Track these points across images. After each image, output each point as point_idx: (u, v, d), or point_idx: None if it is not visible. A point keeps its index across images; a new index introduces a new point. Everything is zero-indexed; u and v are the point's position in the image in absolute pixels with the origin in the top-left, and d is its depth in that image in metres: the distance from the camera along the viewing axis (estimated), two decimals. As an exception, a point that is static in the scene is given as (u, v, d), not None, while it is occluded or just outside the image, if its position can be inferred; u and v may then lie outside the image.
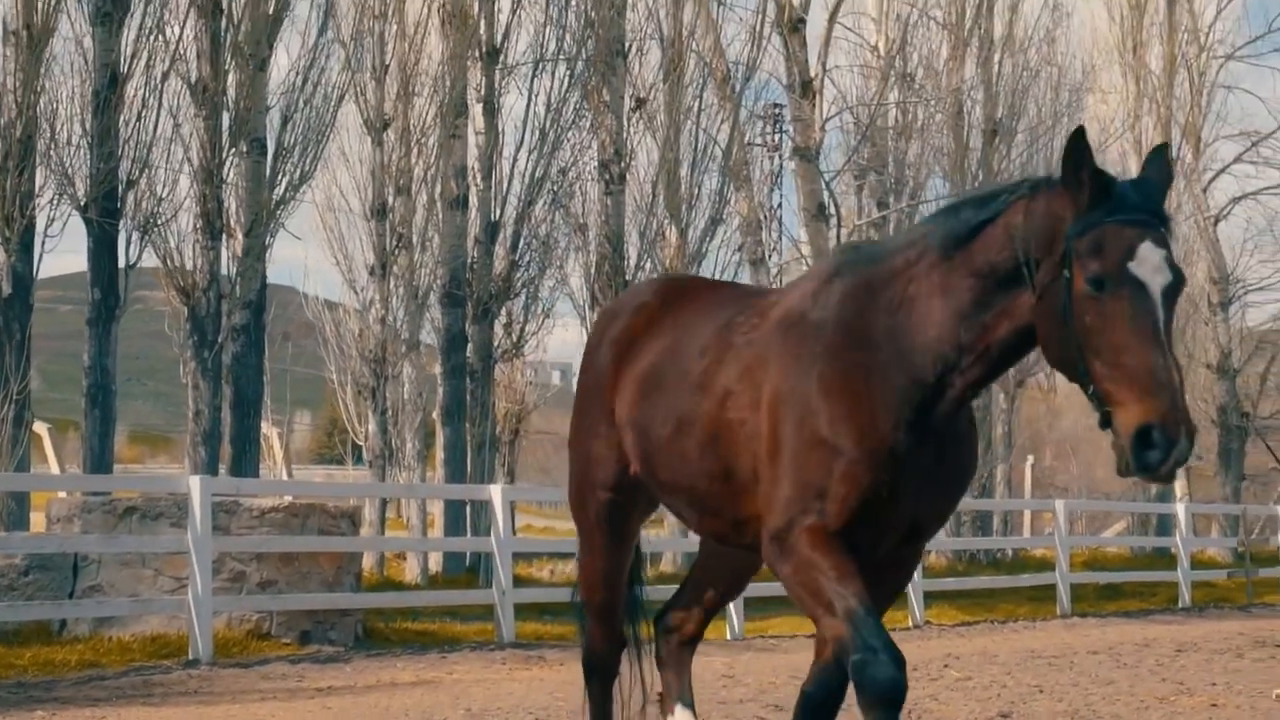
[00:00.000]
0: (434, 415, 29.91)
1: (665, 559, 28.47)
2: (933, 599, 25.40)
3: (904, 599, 22.66)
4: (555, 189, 30.11)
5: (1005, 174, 35.89)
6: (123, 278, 24.14)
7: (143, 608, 16.98)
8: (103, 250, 23.99)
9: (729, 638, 20.75)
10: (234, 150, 25.80)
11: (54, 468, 27.55)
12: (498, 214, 29.67)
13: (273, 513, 17.87)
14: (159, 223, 24.79)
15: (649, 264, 29.92)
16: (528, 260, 30.25)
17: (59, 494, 20.35)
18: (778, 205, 48.59)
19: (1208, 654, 18.32)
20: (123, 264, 24.25)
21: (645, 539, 8.45)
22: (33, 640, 16.64)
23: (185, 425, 25.73)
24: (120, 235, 24.24)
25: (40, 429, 25.03)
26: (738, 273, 30.93)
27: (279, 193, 26.26)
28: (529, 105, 29.91)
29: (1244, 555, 30.87)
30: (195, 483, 16.91)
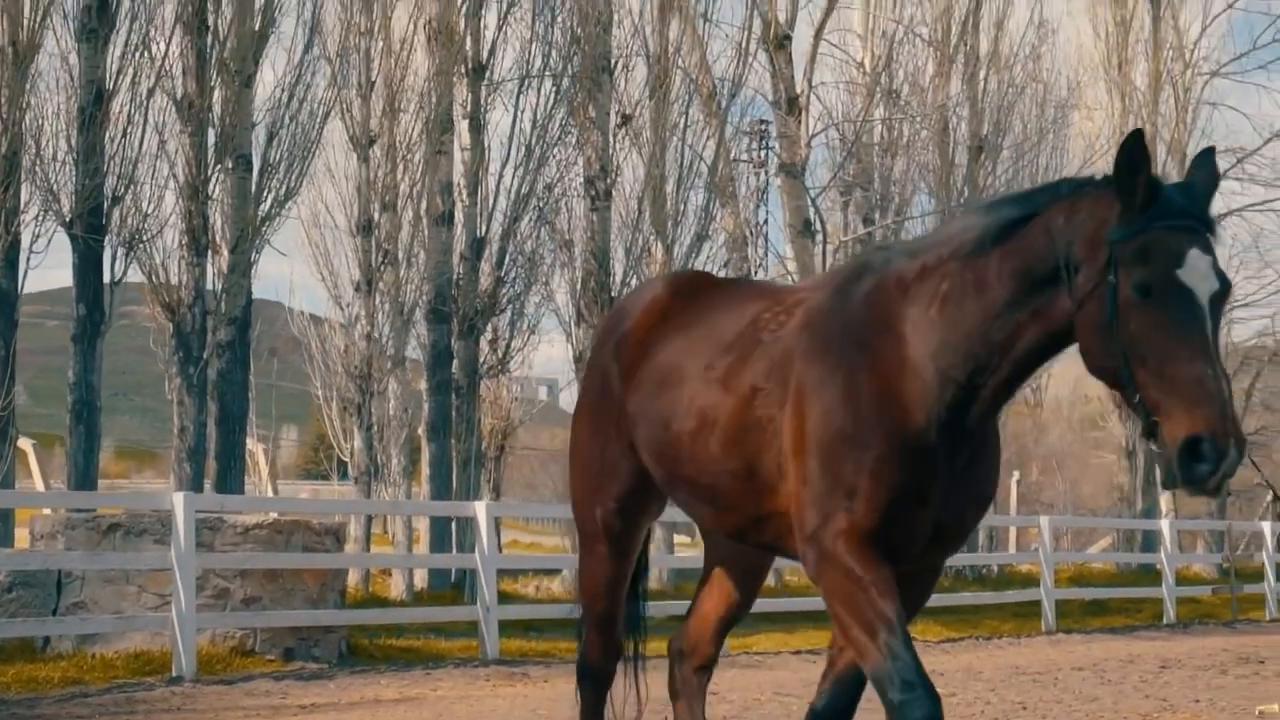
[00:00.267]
0: (419, 431, 29.88)
1: (651, 575, 28.38)
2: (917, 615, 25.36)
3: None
4: (541, 205, 30.12)
5: (991, 190, 35.93)
6: (108, 294, 24.13)
7: (126, 625, 16.95)
8: (88, 266, 23.98)
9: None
10: (219, 167, 25.79)
11: (38, 484, 27.45)
12: (483, 230, 29.68)
13: (257, 529, 17.84)
14: (144, 239, 24.77)
15: (635, 280, 29.91)
16: (513, 276, 30.25)
17: (43, 511, 20.33)
18: (763, 221, 48.75)
19: (1192, 670, 18.37)
20: (108, 280, 24.25)
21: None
22: (16, 657, 16.60)
23: (172, 441, 25.72)
24: (105, 251, 24.24)
25: (25, 445, 24.97)
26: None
27: (264, 209, 26.25)
28: (515, 121, 29.95)
29: (1229, 571, 30.92)
30: (179, 499, 16.89)
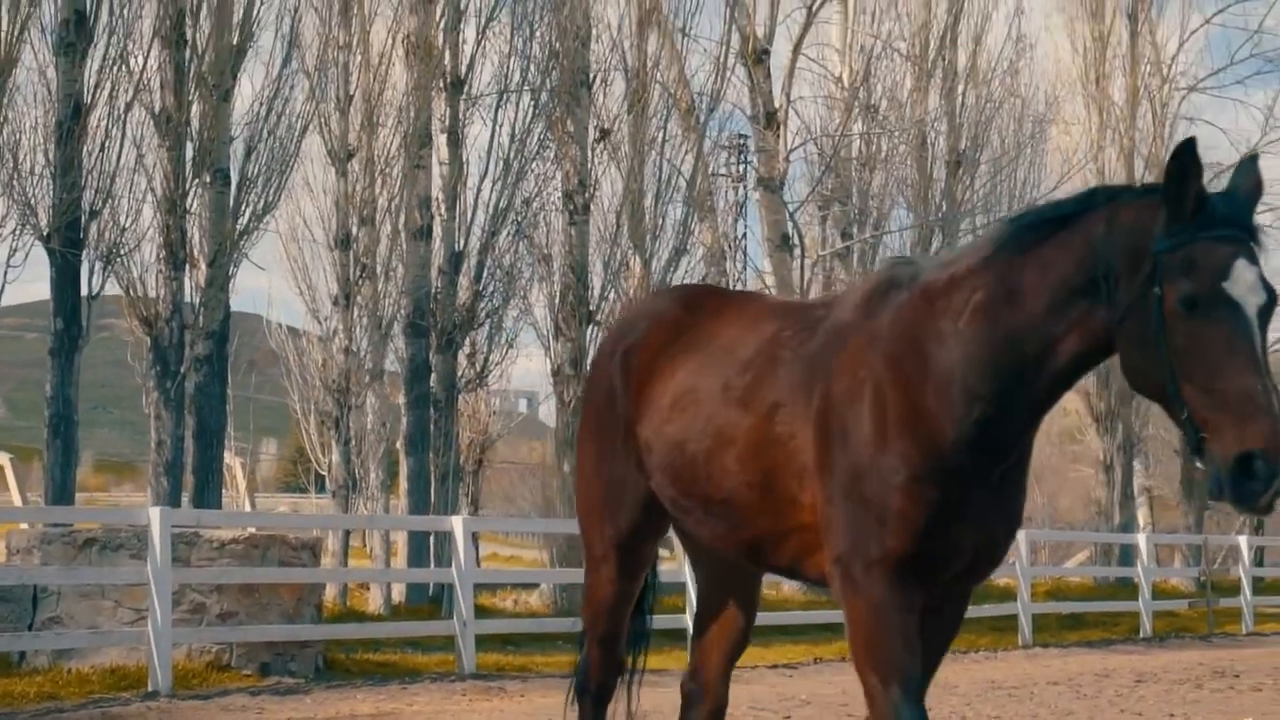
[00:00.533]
0: (398, 445, 29.89)
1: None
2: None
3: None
4: (519, 219, 30.11)
5: (969, 205, 36.06)
6: (85, 308, 24.07)
7: (102, 639, 16.94)
8: (65, 280, 23.91)
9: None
10: (197, 181, 25.76)
11: (15, 498, 27.46)
12: (462, 244, 29.68)
13: (233, 544, 17.83)
14: (122, 253, 24.72)
15: (613, 294, 29.95)
16: (491, 290, 30.24)
17: (19, 525, 20.29)
18: (742, 236, 48.87)
19: (1167, 684, 18.42)
20: (86, 294, 24.19)
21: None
22: (-9, 672, 16.60)
23: (150, 454, 25.68)
24: (83, 265, 24.18)
25: (1, 459, 24.96)
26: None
27: (243, 223, 26.21)
28: (493, 135, 29.95)
29: (1205, 585, 31.00)
30: (155, 514, 16.88)
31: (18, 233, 23.78)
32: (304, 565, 18.69)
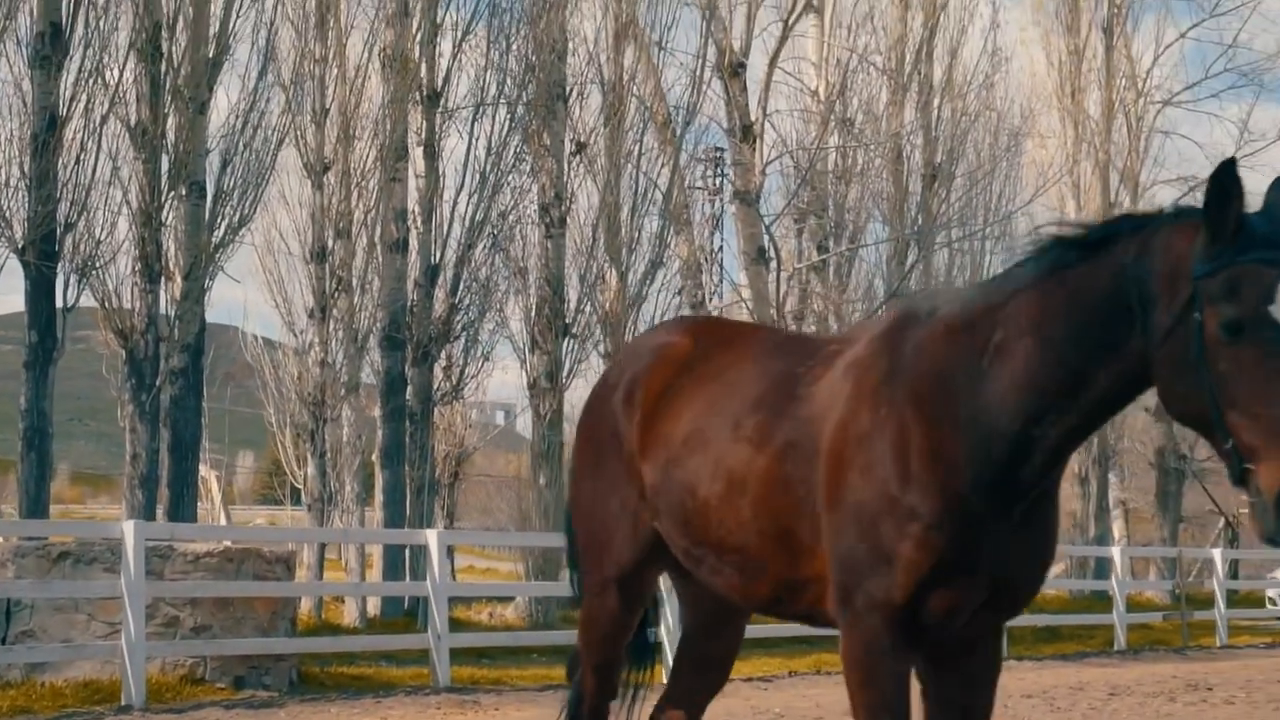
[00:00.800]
0: (373, 458, 29.87)
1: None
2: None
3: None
4: (495, 232, 30.13)
5: (944, 218, 36.14)
6: (60, 320, 24.02)
7: (75, 653, 16.89)
8: (40, 293, 23.86)
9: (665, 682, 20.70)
10: (173, 193, 25.69)
11: (-11, 511, 27.37)
12: (438, 257, 29.69)
13: (207, 558, 17.79)
14: (97, 265, 24.68)
15: (589, 307, 30.01)
16: (467, 303, 30.24)
17: (-7, 538, 20.23)
18: (718, 249, 48.97)
19: (1140, 697, 18.44)
20: (61, 306, 24.14)
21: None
22: (-36, 686, 16.54)
23: (125, 467, 25.63)
24: (58, 278, 24.13)
25: (-24, 472, 24.89)
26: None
27: (218, 236, 26.16)
28: (469, 149, 29.99)
29: (1180, 597, 31.07)
30: (129, 528, 16.84)
31: (-8, 246, 23.74)
32: (278, 579, 18.66)
